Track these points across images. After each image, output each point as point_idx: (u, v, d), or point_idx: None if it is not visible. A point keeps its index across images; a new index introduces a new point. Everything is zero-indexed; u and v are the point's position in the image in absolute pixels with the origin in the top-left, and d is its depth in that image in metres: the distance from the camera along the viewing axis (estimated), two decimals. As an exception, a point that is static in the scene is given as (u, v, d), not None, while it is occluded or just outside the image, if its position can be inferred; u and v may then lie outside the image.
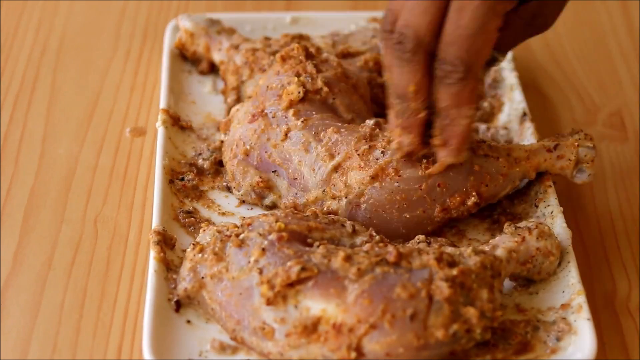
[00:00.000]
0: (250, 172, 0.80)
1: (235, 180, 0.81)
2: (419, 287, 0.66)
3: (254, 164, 0.80)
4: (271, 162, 0.79)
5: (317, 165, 0.78)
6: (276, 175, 0.79)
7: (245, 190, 0.81)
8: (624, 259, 0.79)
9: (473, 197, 0.76)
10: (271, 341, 0.68)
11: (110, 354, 0.71)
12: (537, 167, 0.79)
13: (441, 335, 0.66)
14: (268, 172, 0.80)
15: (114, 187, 0.84)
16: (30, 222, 0.81)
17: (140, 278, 0.76)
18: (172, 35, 0.96)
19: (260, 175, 0.80)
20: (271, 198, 0.80)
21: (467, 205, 0.76)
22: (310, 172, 0.78)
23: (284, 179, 0.79)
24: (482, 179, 0.77)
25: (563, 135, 0.80)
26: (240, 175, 0.81)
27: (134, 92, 0.95)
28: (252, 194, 0.81)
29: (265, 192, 0.80)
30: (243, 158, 0.80)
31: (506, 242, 0.73)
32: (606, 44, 1.02)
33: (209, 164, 0.83)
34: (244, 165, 0.80)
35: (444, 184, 0.75)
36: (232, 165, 0.81)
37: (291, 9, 1.06)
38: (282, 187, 0.79)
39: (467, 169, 0.76)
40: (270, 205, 0.80)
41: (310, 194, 0.78)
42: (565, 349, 0.68)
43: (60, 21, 1.04)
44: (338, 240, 0.72)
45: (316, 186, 0.78)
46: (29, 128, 0.90)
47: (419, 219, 0.76)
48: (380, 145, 0.76)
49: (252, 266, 0.69)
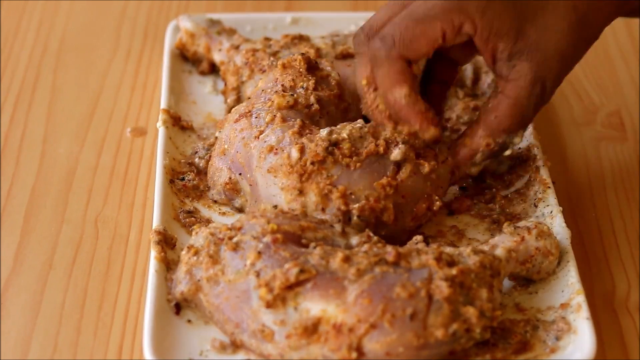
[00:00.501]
0: (223, 171, 0.79)
1: (211, 178, 0.81)
2: (419, 286, 0.66)
3: (227, 163, 0.79)
4: (238, 163, 0.78)
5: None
6: (242, 177, 0.78)
7: (217, 190, 0.80)
8: (623, 259, 0.79)
9: (437, 202, 0.76)
10: (271, 343, 0.68)
11: (111, 354, 0.71)
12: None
13: (441, 335, 0.66)
14: (236, 173, 0.79)
15: (114, 187, 0.84)
16: (30, 222, 0.81)
17: (141, 278, 0.76)
18: (173, 35, 0.96)
19: (230, 176, 0.79)
20: (240, 201, 0.79)
21: (434, 210, 0.76)
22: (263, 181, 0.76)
23: (247, 183, 0.78)
24: (438, 181, 0.76)
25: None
26: (215, 174, 0.80)
27: (134, 92, 0.95)
28: (222, 195, 0.80)
29: (233, 194, 0.79)
30: (220, 157, 0.80)
31: (505, 241, 0.73)
32: (606, 44, 1.02)
33: (205, 163, 0.83)
34: (220, 164, 0.80)
35: (407, 195, 0.75)
36: (211, 163, 0.81)
37: (291, 9, 1.06)
38: (247, 193, 0.78)
39: (422, 176, 0.75)
40: (239, 207, 0.80)
41: (261, 205, 0.76)
42: (565, 348, 0.68)
43: (60, 21, 1.04)
44: (332, 241, 0.72)
45: (268, 200, 0.76)
46: (29, 128, 0.90)
47: (393, 232, 0.75)
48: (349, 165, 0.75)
49: (248, 269, 0.69)
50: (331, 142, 0.74)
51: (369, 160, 0.74)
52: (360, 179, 0.74)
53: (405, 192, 0.75)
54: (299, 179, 0.74)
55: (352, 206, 0.73)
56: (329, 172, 0.74)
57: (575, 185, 0.85)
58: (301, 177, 0.74)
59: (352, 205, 0.73)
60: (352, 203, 0.74)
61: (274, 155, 0.75)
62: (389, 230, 0.75)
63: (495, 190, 0.82)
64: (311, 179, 0.74)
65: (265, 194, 0.76)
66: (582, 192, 0.85)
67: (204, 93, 0.93)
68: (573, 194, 0.85)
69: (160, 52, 0.98)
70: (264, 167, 0.76)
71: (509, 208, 0.80)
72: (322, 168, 0.74)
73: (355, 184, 0.74)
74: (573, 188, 0.85)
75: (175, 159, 0.83)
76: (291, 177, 0.74)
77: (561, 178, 0.86)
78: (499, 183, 0.82)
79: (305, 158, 0.74)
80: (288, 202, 0.74)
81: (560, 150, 0.89)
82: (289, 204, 0.74)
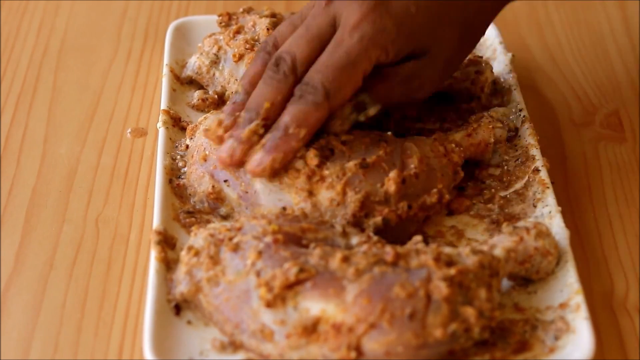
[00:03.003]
0: (205, 179, 0.79)
1: (192, 186, 0.80)
2: (417, 286, 0.67)
3: (210, 170, 0.78)
4: (223, 171, 0.78)
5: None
6: (227, 185, 0.78)
7: (199, 198, 0.79)
8: (621, 259, 0.79)
9: (447, 195, 0.78)
10: (271, 343, 0.68)
11: (112, 354, 0.71)
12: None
13: (440, 335, 0.66)
14: (220, 181, 0.78)
15: (115, 188, 0.85)
16: (31, 222, 0.81)
17: (142, 278, 0.76)
18: (173, 36, 0.96)
19: (214, 185, 0.78)
20: (225, 209, 0.79)
21: (442, 202, 0.78)
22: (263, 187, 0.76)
23: (234, 190, 0.77)
24: (446, 177, 0.79)
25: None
26: (196, 182, 0.79)
27: (135, 93, 0.95)
28: (204, 203, 0.79)
29: (218, 203, 0.79)
30: (201, 164, 0.79)
31: (504, 241, 0.73)
32: (604, 44, 1.02)
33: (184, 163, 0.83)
34: (201, 171, 0.79)
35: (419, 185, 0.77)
36: (192, 170, 0.80)
37: (291, 9, 1.06)
38: (233, 200, 0.78)
39: (439, 167, 0.78)
40: (224, 215, 0.79)
41: (260, 209, 0.76)
42: (564, 348, 0.69)
43: (61, 22, 1.04)
44: (332, 241, 0.72)
45: (272, 205, 0.76)
46: (30, 128, 0.91)
47: (397, 231, 0.76)
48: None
49: (249, 269, 0.69)
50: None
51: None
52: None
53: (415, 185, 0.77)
54: (308, 181, 0.75)
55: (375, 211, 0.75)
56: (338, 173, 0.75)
57: (574, 186, 0.86)
58: (310, 179, 0.75)
59: (375, 210, 0.75)
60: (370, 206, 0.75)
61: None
62: (394, 230, 0.76)
63: (494, 191, 0.82)
64: (322, 181, 0.75)
65: (267, 200, 0.76)
66: (581, 193, 0.85)
67: (204, 93, 0.93)
68: (572, 194, 0.85)
69: (161, 53, 0.98)
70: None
71: (508, 208, 0.80)
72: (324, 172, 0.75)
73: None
74: (572, 188, 0.85)
75: (175, 159, 0.83)
76: (298, 181, 0.75)
77: (560, 178, 0.86)
78: (498, 184, 0.83)
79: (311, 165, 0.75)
80: (297, 203, 0.75)
81: (559, 151, 0.89)
82: (298, 205, 0.75)
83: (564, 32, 1.04)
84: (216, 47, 0.90)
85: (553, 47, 1.02)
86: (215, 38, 0.91)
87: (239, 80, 0.82)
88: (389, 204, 0.75)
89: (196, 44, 0.94)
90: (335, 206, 0.75)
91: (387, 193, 0.75)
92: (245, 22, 0.91)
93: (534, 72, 0.99)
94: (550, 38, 1.03)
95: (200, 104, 0.90)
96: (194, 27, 0.98)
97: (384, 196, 0.75)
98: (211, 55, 0.90)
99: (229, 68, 0.89)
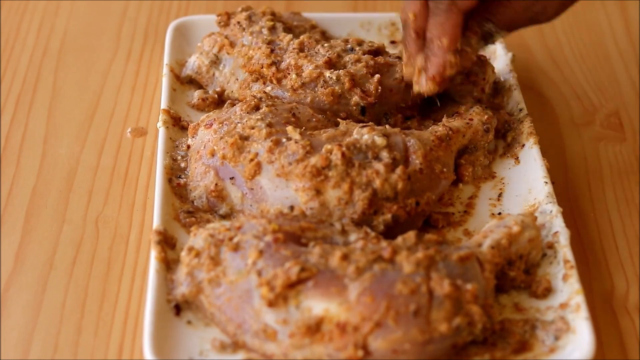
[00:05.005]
0: (210, 174, 0.79)
1: (194, 180, 0.80)
2: (419, 282, 0.67)
3: (216, 165, 0.78)
4: (230, 167, 0.78)
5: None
6: (232, 183, 0.78)
7: (199, 193, 0.79)
8: (622, 259, 0.79)
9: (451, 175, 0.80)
10: (274, 343, 0.68)
11: (112, 354, 0.71)
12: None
13: (445, 329, 0.66)
14: (225, 178, 0.78)
15: (115, 187, 0.85)
16: (31, 222, 0.81)
17: (141, 278, 0.76)
18: (173, 36, 0.96)
19: (217, 182, 0.78)
20: (224, 209, 0.79)
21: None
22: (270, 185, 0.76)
23: (239, 189, 0.78)
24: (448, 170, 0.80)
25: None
26: (200, 175, 0.79)
27: (135, 93, 0.95)
28: (203, 199, 0.79)
29: (218, 202, 0.79)
30: (208, 158, 0.79)
31: (493, 235, 0.73)
32: (604, 44, 1.02)
33: (186, 163, 0.83)
34: (207, 165, 0.79)
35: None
36: (196, 166, 0.80)
37: (291, 9, 1.06)
38: (236, 198, 0.78)
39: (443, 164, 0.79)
40: (223, 215, 0.79)
41: (266, 206, 0.77)
42: (564, 348, 0.69)
43: (61, 22, 1.04)
44: (331, 239, 0.72)
45: (278, 202, 0.76)
46: (30, 128, 0.91)
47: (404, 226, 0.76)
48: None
49: (250, 269, 0.69)
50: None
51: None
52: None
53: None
54: (315, 179, 0.75)
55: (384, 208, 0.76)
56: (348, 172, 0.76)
57: (575, 186, 0.86)
58: (317, 177, 0.75)
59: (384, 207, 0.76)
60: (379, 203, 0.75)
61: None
62: (403, 226, 0.76)
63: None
64: (329, 180, 0.75)
65: (274, 197, 0.76)
66: (581, 192, 0.85)
67: (204, 93, 0.93)
68: (572, 194, 0.85)
69: (161, 53, 0.98)
70: (270, 171, 0.76)
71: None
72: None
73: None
74: (572, 188, 0.85)
75: (175, 159, 0.83)
76: (305, 179, 0.75)
77: (560, 178, 0.86)
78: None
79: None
80: (305, 202, 0.75)
81: (560, 151, 0.89)
82: (306, 204, 0.75)
83: (564, 32, 1.04)
84: (216, 46, 0.90)
85: (553, 47, 1.02)
86: (215, 38, 0.91)
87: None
88: (397, 201, 0.75)
89: (196, 43, 0.94)
90: (344, 205, 0.75)
91: (394, 190, 0.75)
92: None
93: (534, 72, 0.99)
94: (550, 38, 1.03)
95: (200, 104, 0.90)
96: (194, 27, 0.98)
97: (392, 193, 0.75)
98: (211, 55, 0.90)
99: (228, 68, 0.89)
